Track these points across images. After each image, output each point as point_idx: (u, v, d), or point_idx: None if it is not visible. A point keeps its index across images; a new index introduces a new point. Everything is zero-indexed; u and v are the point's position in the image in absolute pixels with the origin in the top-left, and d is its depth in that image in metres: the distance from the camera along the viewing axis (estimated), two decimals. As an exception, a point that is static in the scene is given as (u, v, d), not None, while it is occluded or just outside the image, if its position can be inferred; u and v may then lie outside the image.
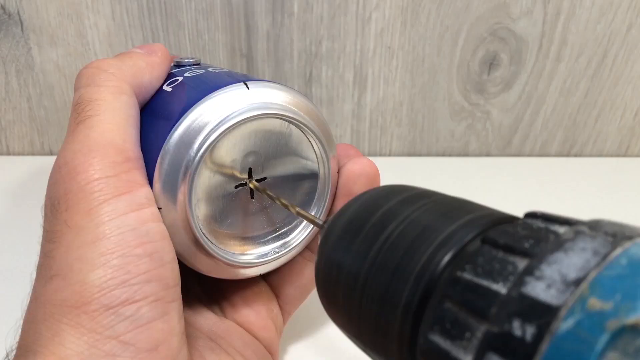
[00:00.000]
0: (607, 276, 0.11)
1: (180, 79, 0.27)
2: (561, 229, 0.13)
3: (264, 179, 0.26)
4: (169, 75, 0.28)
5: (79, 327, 0.19)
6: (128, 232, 0.20)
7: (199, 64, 0.29)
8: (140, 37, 0.49)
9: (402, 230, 0.16)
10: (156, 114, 0.25)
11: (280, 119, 0.25)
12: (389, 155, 0.57)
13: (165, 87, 0.27)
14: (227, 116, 0.23)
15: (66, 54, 0.50)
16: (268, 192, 0.25)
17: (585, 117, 0.55)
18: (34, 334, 0.20)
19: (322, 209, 0.27)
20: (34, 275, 0.22)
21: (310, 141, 0.26)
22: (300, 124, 0.25)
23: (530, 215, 0.15)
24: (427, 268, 0.15)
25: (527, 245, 0.13)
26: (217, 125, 0.23)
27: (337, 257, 0.18)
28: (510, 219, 0.16)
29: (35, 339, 0.20)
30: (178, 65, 0.29)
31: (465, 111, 0.55)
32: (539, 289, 0.12)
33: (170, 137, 0.23)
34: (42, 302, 0.20)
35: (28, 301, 0.22)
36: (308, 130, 0.25)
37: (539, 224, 0.14)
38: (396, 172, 0.53)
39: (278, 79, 0.52)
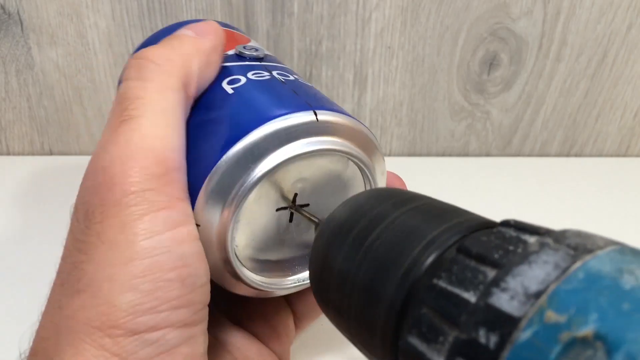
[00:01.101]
0: (564, 290, 0.12)
1: (243, 80, 0.25)
2: (531, 239, 0.14)
3: (307, 205, 0.25)
4: (229, 69, 0.25)
5: (102, 350, 0.19)
6: (162, 255, 0.19)
7: (261, 60, 0.27)
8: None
9: (390, 231, 0.17)
10: (212, 116, 0.23)
11: (344, 156, 0.24)
12: (389, 155, 0.57)
13: (224, 85, 0.24)
14: (292, 147, 0.22)
15: (66, 54, 0.50)
16: (301, 210, 0.24)
17: (585, 117, 0.55)
18: (55, 344, 0.20)
19: None
20: (53, 277, 0.21)
21: (363, 178, 0.25)
22: (360, 163, 0.24)
23: (505, 223, 0.16)
24: (411, 270, 0.16)
25: (496, 255, 0.14)
26: (279, 154, 0.21)
27: (329, 254, 0.19)
28: (490, 225, 0.17)
29: (56, 350, 0.19)
30: (240, 56, 0.27)
31: (465, 111, 0.55)
32: (503, 300, 0.13)
33: (227, 154, 0.21)
34: (66, 316, 0.20)
35: (46, 305, 0.21)
36: (365, 170, 0.24)
37: (512, 232, 0.15)
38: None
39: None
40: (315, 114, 0.22)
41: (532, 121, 0.55)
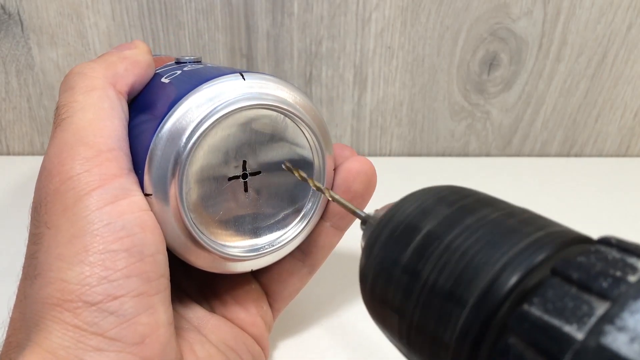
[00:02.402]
0: None
1: (178, 72, 0.26)
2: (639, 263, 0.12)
3: (259, 172, 0.25)
4: (168, 70, 0.28)
5: (64, 324, 0.19)
6: (103, 228, 0.20)
7: (199, 62, 0.29)
8: (140, 37, 0.49)
9: (461, 244, 0.15)
10: (149, 105, 0.25)
11: (275, 110, 0.24)
12: (389, 155, 0.57)
13: (162, 80, 0.26)
14: (220, 105, 0.23)
15: (66, 54, 0.50)
16: (301, 172, 0.25)
17: (585, 117, 0.55)
18: (23, 331, 0.21)
19: (317, 205, 0.27)
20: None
21: (305, 136, 0.26)
22: (295, 117, 0.25)
23: (605, 242, 0.14)
24: (490, 290, 0.14)
25: (604, 284, 0.12)
26: (209, 114, 0.22)
27: (392, 256, 0.17)
28: (582, 240, 0.15)
29: (24, 336, 0.21)
30: (178, 62, 0.29)
31: (465, 111, 0.55)
32: (620, 342, 0.11)
33: (162, 127, 0.22)
34: (29, 302, 0.21)
35: (15, 301, 0.22)
36: (303, 124, 0.25)
37: (615, 254, 0.13)
38: (396, 172, 0.53)
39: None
40: (242, 75, 0.24)
41: (532, 121, 0.55)
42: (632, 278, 0.12)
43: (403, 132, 0.56)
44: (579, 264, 0.13)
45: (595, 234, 0.15)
